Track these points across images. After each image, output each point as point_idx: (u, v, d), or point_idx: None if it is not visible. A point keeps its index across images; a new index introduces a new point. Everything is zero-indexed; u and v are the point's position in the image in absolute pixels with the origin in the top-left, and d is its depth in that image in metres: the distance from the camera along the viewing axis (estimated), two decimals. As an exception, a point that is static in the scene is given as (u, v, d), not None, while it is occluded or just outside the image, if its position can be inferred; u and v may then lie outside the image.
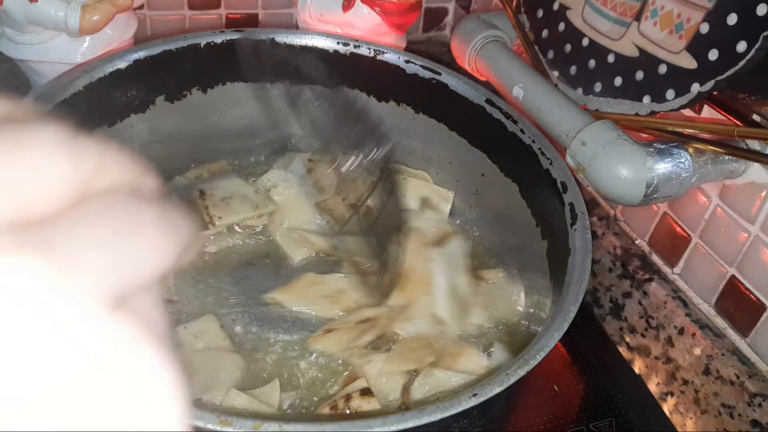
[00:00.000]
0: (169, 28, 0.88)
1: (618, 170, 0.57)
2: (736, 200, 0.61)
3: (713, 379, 0.62)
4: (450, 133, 0.72)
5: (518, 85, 0.69)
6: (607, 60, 0.65)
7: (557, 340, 0.47)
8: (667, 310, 0.66)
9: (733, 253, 0.62)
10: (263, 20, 0.91)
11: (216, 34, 0.69)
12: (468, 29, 0.77)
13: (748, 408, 0.59)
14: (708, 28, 0.55)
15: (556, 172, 0.61)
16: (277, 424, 0.39)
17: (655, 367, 0.68)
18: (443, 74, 0.70)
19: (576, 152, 0.60)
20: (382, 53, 0.72)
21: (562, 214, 0.58)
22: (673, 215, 0.68)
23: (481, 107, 0.68)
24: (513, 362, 0.45)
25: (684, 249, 0.67)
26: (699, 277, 0.66)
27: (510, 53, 0.73)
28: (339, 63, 0.72)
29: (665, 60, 0.59)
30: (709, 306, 0.65)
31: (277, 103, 0.66)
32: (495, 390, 0.43)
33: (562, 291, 0.53)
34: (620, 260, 0.72)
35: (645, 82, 0.61)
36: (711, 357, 0.62)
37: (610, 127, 0.59)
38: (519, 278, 0.66)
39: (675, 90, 0.58)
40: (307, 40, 0.72)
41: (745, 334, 0.62)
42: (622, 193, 0.58)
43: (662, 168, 0.57)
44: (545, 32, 0.73)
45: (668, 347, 0.66)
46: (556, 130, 0.63)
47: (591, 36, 0.67)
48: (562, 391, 0.65)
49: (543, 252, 0.62)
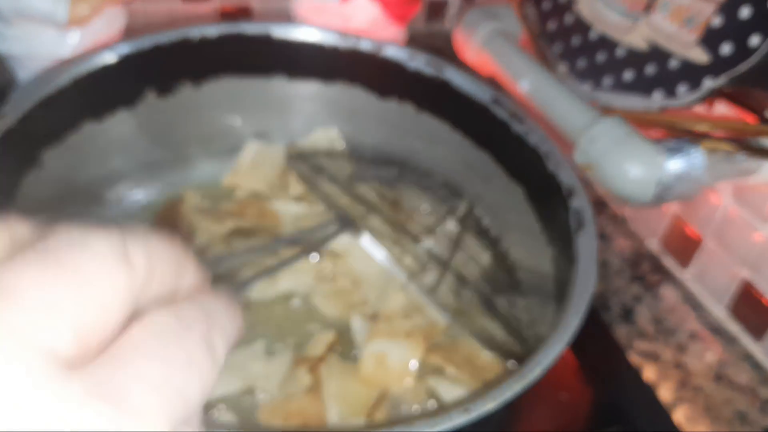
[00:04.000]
0: (161, 20, 0.86)
1: (628, 168, 0.55)
2: (750, 200, 0.59)
3: (725, 386, 0.60)
4: (453, 133, 0.70)
5: (524, 79, 0.67)
6: (615, 54, 0.63)
7: (557, 354, 0.45)
8: (679, 315, 0.65)
9: (747, 254, 0.60)
10: (258, 11, 0.89)
11: (210, 27, 0.67)
12: (471, 21, 0.75)
13: (761, 415, 0.57)
14: (720, 21, 0.53)
15: (563, 175, 0.59)
16: None
17: (666, 373, 0.66)
18: (447, 71, 0.68)
19: (584, 149, 0.58)
20: (383, 48, 0.70)
21: (567, 219, 0.57)
22: (684, 216, 0.66)
23: (486, 106, 0.66)
24: (509, 376, 0.44)
25: (695, 251, 0.65)
26: (711, 280, 0.64)
27: (515, 47, 0.71)
28: (339, 59, 0.70)
29: (676, 54, 0.57)
30: (722, 310, 0.63)
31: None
32: (488, 406, 0.41)
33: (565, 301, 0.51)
34: (630, 262, 0.70)
35: (655, 77, 0.59)
36: (723, 363, 0.60)
37: (620, 123, 0.57)
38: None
39: (686, 85, 0.56)
40: (305, 34, 0.70)
41: (758, 339, 0.60)
42: (632, 192, 0.56)
43: (674, 166, 0.55)
44: (552, 25, 0.71)
45: (679, 353, 0.64)
46: (563, 126, 0.61)
47: (599, 29, 0.65)
48: (569, 399, 0.64)
49: (548, 259, 0.60)
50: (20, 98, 0.57)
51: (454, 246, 0.58)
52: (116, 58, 0.63)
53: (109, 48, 0.63)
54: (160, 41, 0.65)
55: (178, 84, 0.68)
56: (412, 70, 0.70)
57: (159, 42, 0.65)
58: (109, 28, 0.70)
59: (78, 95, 0.61)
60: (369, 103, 0.73)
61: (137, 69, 0.64)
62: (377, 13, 0.74)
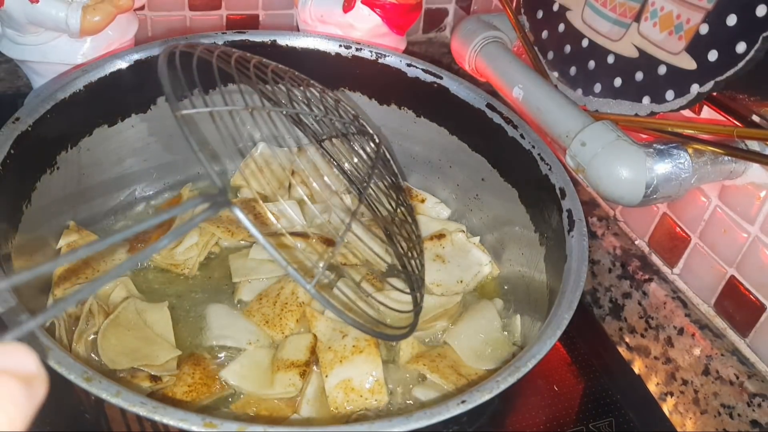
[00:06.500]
0: (170, 28, 0.88)
1: (618, 171, 0.57)
2: (736, 201, 0.61)
3: (713, 380, 0.62)
4: (451, 137, 0.72)
5: (518, 85, 0.69)
6: (606, 61, 0.65)
7: (549, 348, 0.47)
8: (667, 311, 0.66)
9: (733, 253, 0.62)
10: (263, 21, 0.91)
11: (218, 35, 0.69)
12: (468, 30, 0.77)
13: (748, 408, 0.59)
14: (707, 29, 0.55)
15: (555, 177, 0.61)
16: (262, 427, 0.38)
17: (655, 367, 0.68)
18: (444, 78, 0.70)
19: (576, 153, 0.60)
20: (383, 56, 0.72)
21: (559, 220, 0.59)
22: (672, 216, 0.68)
23: (481, 112, 0.68)
24: (504, 369, 0.45)
25: (684, 249, 0.67)
26: (699, 278, 0.66)
27: (510, 54, 0.73)
28: (340, 66, 0.72)
29: (665, 61, 0.59)
30: (709, 306, 0.65)
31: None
32: (484, 397, 0.43)
33: (557, 297, 0.52)
34: (620, 261, 0.72)
35: (644, 83, 0.61)
36: (710, 357, 0.62)
37: (610, 127, 0.59)
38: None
39: (675, 91, 0.58)
40: (308, 43, 0.72)
41: (744, 335, 0.62)
42: (622, 193, 0.58)
43: (662, 168, 0.57)
44: (545, 33, 0.73)
45: (668, 347, 0.66)
46: (555, 130, 0.63)
47: (591, 37, 0.67)
48: (562, 392, 0.65)
49: (541, 257, 0.62)
50: (34, 103, 0.59)
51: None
52: (127, 65, 0.65)
53: (121, 55, 0.65)
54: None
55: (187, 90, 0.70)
56: (411, 77, 0.72)
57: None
58: (120, 35, 0.71)
59: (91, 101, 0.63)
60: (369, 109, 0.75)
61: (148, 75, 0.66)
62: (378, 22, 0.76)
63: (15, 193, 0.56)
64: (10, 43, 0.70)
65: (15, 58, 0.71)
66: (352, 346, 0.57)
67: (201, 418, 0.38)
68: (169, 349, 0.57)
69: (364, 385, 0.56)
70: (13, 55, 0.71)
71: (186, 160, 0.74)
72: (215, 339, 0.59)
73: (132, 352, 0.56)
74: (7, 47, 0.70)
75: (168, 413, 0.39)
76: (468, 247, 0.71)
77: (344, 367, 0.56)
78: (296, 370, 0.57)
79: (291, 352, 0.58)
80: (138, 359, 0.55)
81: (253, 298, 0.63)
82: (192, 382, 0.55)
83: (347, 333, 0.58)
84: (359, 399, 0.55)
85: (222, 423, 0.38)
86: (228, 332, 0.60)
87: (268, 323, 0.60)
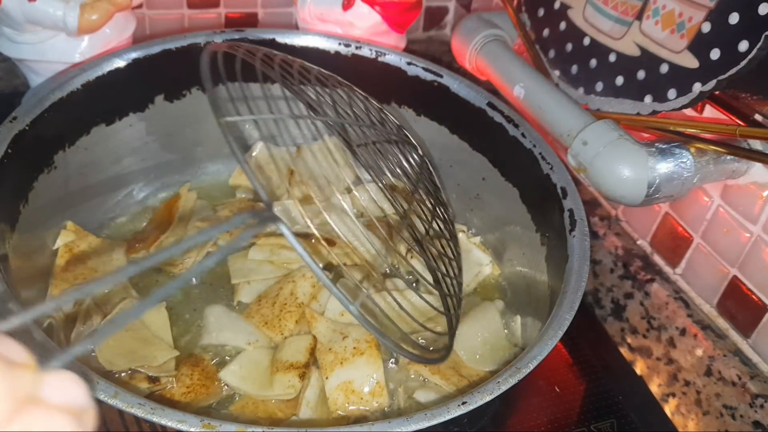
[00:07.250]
0: (168, 27, 0.87)
1: (620, 170, 0.57)
2: (738, 200, 0.61)
3: (715, 381, 0.62)
4: (451, 136, 0.72)
5: (519, 84, 0.68)
6: (608, 59, 0.65)
7: (550, 349, 0.47)
8: (669, 311, 0.66)
9: (735, 253, 0.61)
10: (262, 19, 0.91)
11: (216, 34, 0.69)
12: (469, 28, 0.77)
13: (750, 409, 0.59)
14: (710, 27, 0.55)
15: (556, 177, 0.61)
16: (261, 429, 0.38)
17: (657, 368, 0.67)
18: (445, 77, 0.70)
19: (577, 152, 0.60)
20: (383, 55, 0.72)
21: (561, 219, 0.58)
22: (674, 215, 0.68)
23: (482, 110, 0.68)
24: (505, 370, 0.45)
25: (686, 249, 0.67)
26: (701, 278, 0.66)
27: (511, 52, 0.73)
28: (340, 64, 0.72)
29: (667, 59, 0.59)
30: (711, 307, 0.65)
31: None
32: (485, 398, 0.43)
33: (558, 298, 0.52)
34: (622, 261, 0.72)
35: (646, 82, 0.61)
36: (713, 358, 0.62)
37: (612, 126, 0.59)
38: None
39: (677, 89, 0.58)
40: (308, 41, 0.72)
41: (747, 335, 0.61)
42: (624, 192, 0.58)
43: (664, 168, 0.57)
44: (546, 31, 0.73)
45: (670, 348, 0.66)
46: (557, 129, 0.63)
47: (592, 35, 0.67)
48: (563, 393, 0.65)
49: (542, 257, 0.62)
50: (32, 102, 0.59)
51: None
52: (125, 64, 0.65)
53: (119, 53, 0.65)
54: (168, 47, 0.67)
55: (185, 88, 0.70)
56: (412, 75, 0.72)
57: (167, 48, 0.67)
58: (118, 34, 0.71)
59: (88, 99, 0.63)
60: (369, 107, 0.75)
61: (146, 74, 0.66)
62: (377, 20, 0.76)
63: (12, 193, 0.56)
64: (8, 41, 0.70)
65: (12, 56, 0.71)
66: (352, 348, 0.57)
67: (199, 420, 0.38)
68: (167, 349, 0.57)
69: (365, 387, 0.55)
70: (11, 54, 0.70)
71: (184, 159, 0.73)
72: (214, 339, 0.59)
73: (129, 353, 0.55)
74: (5, 46, 0.70)
75: (166, 414, 0.38)
76: (469, 247, 0.70)
77: (345, 368, 0.56)
78: (295, 371, 0.56)
79: (290, 354, 0.57)
80: (136, 360, 0.55)
81: (252, 300, 0.63)
82: (190, 383, 0.55)
83: (347, 334, 0.58)
84: (360, 401, 0.55)
85: (221, 424, 0.38)
86: (227, 333, 0.59)
87: (267, 324, 0.60)
